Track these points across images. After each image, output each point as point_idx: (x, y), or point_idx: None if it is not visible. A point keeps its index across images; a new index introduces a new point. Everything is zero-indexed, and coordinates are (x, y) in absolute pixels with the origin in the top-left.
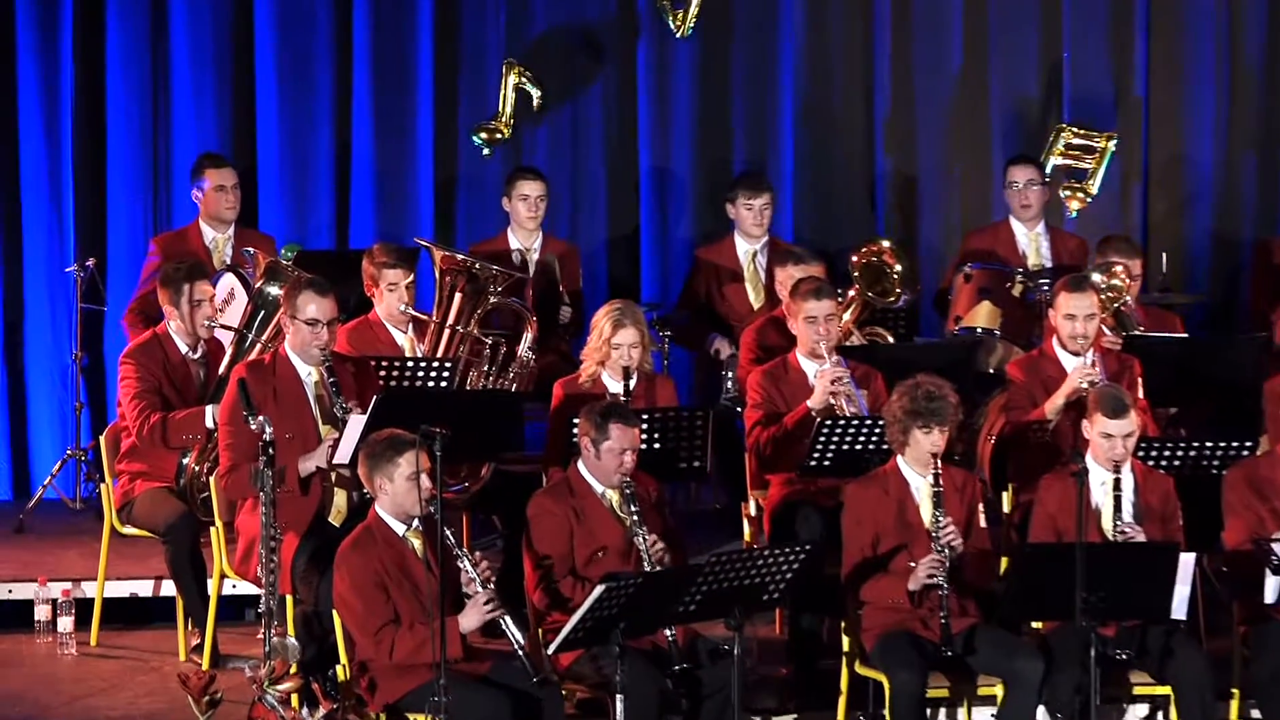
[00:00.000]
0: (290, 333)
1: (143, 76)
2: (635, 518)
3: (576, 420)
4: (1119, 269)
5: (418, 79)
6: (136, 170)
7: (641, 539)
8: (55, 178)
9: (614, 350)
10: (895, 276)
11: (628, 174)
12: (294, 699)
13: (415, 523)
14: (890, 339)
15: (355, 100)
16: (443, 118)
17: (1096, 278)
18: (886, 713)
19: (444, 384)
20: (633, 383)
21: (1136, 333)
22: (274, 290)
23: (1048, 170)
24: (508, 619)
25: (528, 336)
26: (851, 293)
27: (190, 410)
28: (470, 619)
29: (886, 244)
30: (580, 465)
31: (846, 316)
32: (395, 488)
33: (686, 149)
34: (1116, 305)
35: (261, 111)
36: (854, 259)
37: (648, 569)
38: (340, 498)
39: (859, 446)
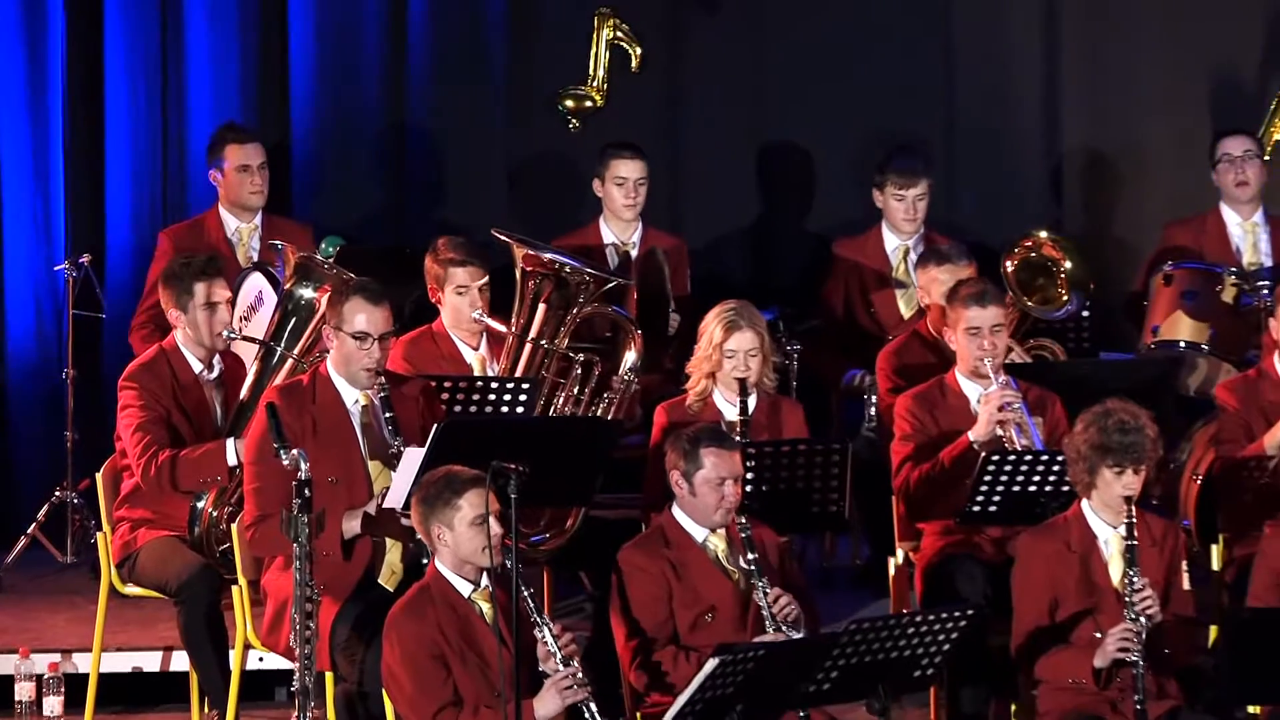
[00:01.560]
0: (334, 349)
1: (149, 34)
2: (751, 568)
3: None
4: None
5: (486, 36)
6: (141, 147)
7: (762, 595)
8: (40, 156)
9: (727, 359)
10: (1061, 276)
11: (746, 153)
12: None
13: (484, 581)
14: (1061, 354)
15: (410, 62)
16: (519, 83)
17: None
18: None
19: (522, 410)
20: (752, 401)
21: None
22: (307, 293)
23: (1268, 147)
24: (593, 705)
25: (630, 354)
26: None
27: (207, 445)
28: (548, 703)
29: (1045, 235)
30: (674, 508)
31: None
32: (457, 536)
33: (821, 121)
34: None
35: (296, 77)
36: (1006, 261)
37: (770, 636)
38: (394, 553)
39: (1033, 488)
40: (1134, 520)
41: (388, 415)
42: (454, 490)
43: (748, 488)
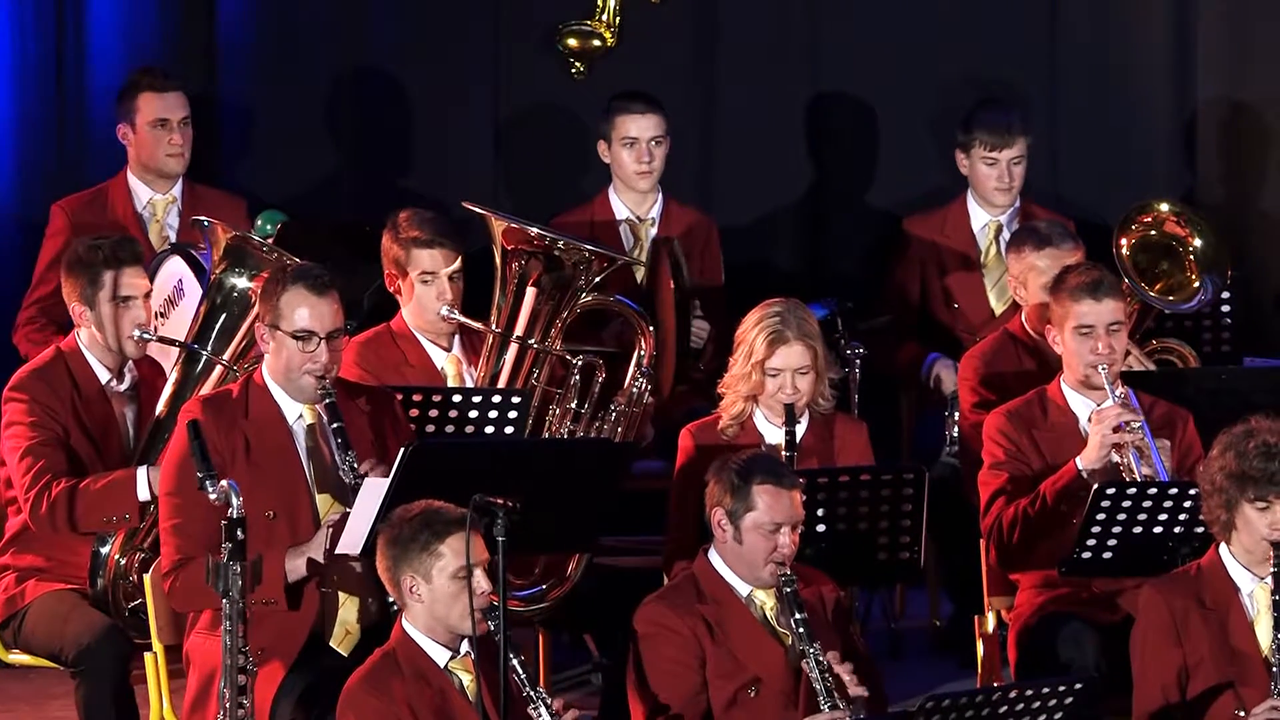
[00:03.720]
0: (270, 352)
1: None
2: (802, 632)
3: None
4: None
5: None
6: (28, 98)
7: (814, 664)
8: None
9: (770, 378)
10: (1191, 259)
11: (794, 107)
12: None
13: (464, 647)
14: (1193, 359)
15: None
16: (508, 17)
17: None
18: None
19: (510, 429)
20: (801, 428)
21: None
22: (240, 282)
23: None
24: None
25: (640, 356)
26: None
27: (114, 474)
28: None
29: (1166, 208)
30: (712, 555)
31: None
32: (435, 591)
33: (889, 67)
34: None
35: (225, 11)
36: (1118, 239)
37: (826, 717)
38: (349, 609)
39: (1158, 529)
40: None
41: (335, 426)
42: (435, 533)
43: None
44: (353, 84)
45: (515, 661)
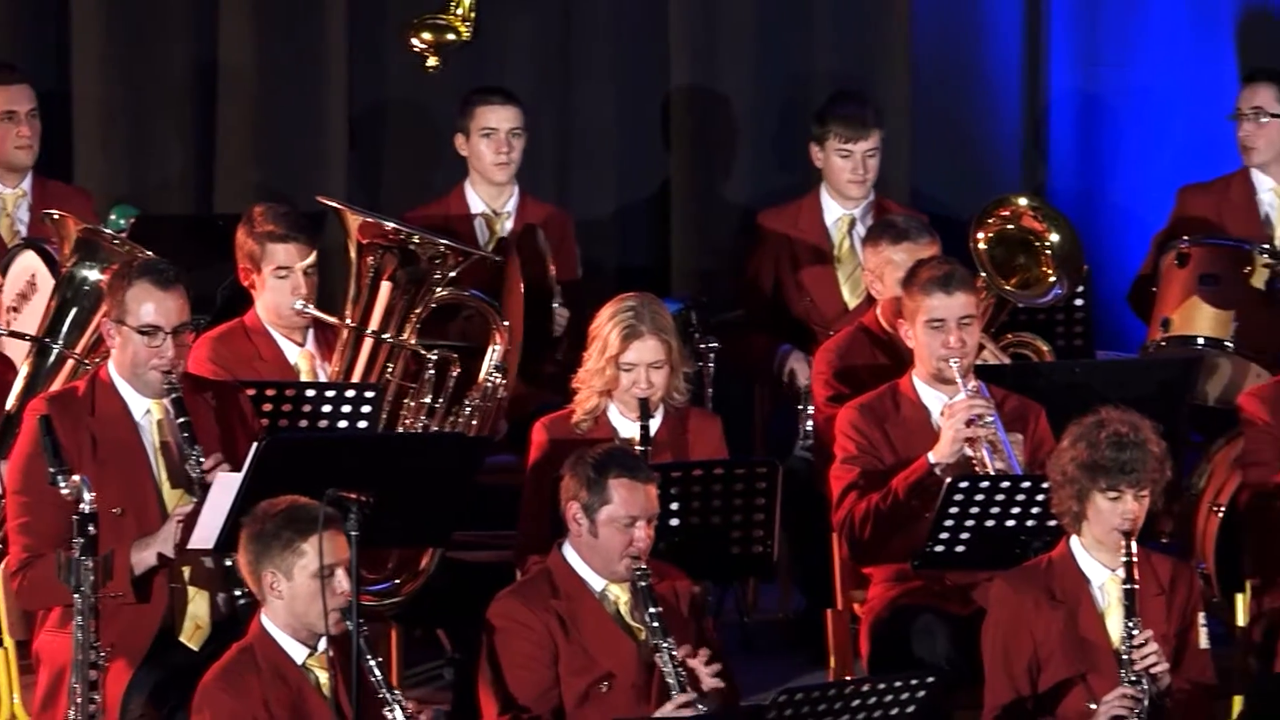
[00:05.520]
0: (116, 346)
1: None
2: (656, 626)
3: None
4: None
5: None
6: None
7: (666, 660)
8: None
9: (624, 373)
10: (1046, 254)
11: (649, 99)
12: None
13: (322, 645)
14: (1047, 353)
15: None
16: (362, 10)
17: None
18: None
19: (363, 423)
20: (655, 422)
21: None
22: (92, 275)
23: None
24: None
25: (495, 350)
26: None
27: None
28: None
29: (1024, 203)
30: (566, 549)
31: None
32: (295, 589)
33: (742, 61)
34: None
35: (77, 7)
36: (975, 232)
37: (678, 709)
38: (198, 604)
39: (1010, 522)
40: (1134, 559)
41: (181, 421)
42: (298, 530)
43: None
44: (206, 78)
45: (372, 662)
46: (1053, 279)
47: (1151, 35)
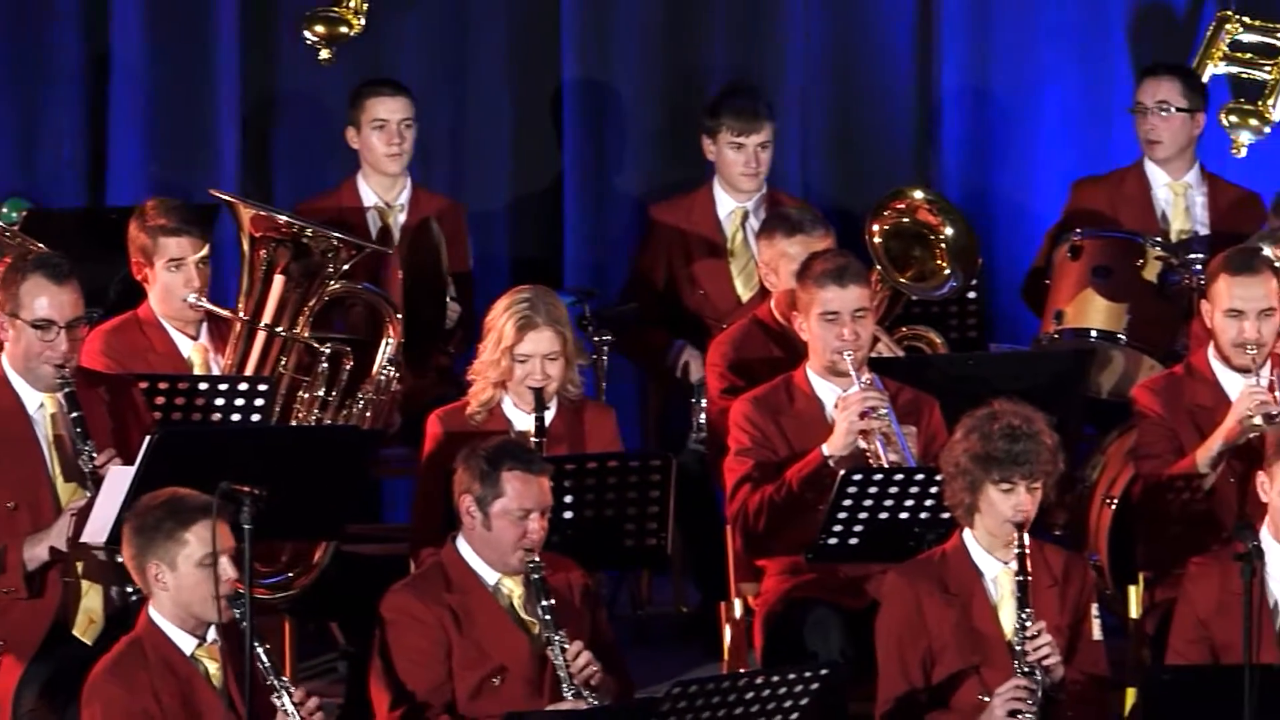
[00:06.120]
0: (9, 340)
1: None
2: (549, 620)
3: None
4: None
5: None
6: None
7: (558, 654)
8: None
9: (519, 364)
10: (940, 248)
11: (541, 91)
12: None
13: (211, 634)
14: (940, 345)
15: None
16: (254, 3)
17: (1272, 251)
18: None
19: (256, 416)
20: (549, 415)
21: None
22: None
23: (1203, 82)
24: None
25: (388, 343)
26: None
27: None
28: None
29: (920, 196)
30: (460, 542)
31: None
32: (180, 579)
33: (634, 54)
34: None
35: None
36: (870, 225)
37: (570, 703)
38: (92, 597)
39: (904, 515)
40: (1027, 551)
41: (74, 416)
42: (179, 520)
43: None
44: (98, 71)
45: (260, 650)
46: (947, 272)
47: (1043, 28)
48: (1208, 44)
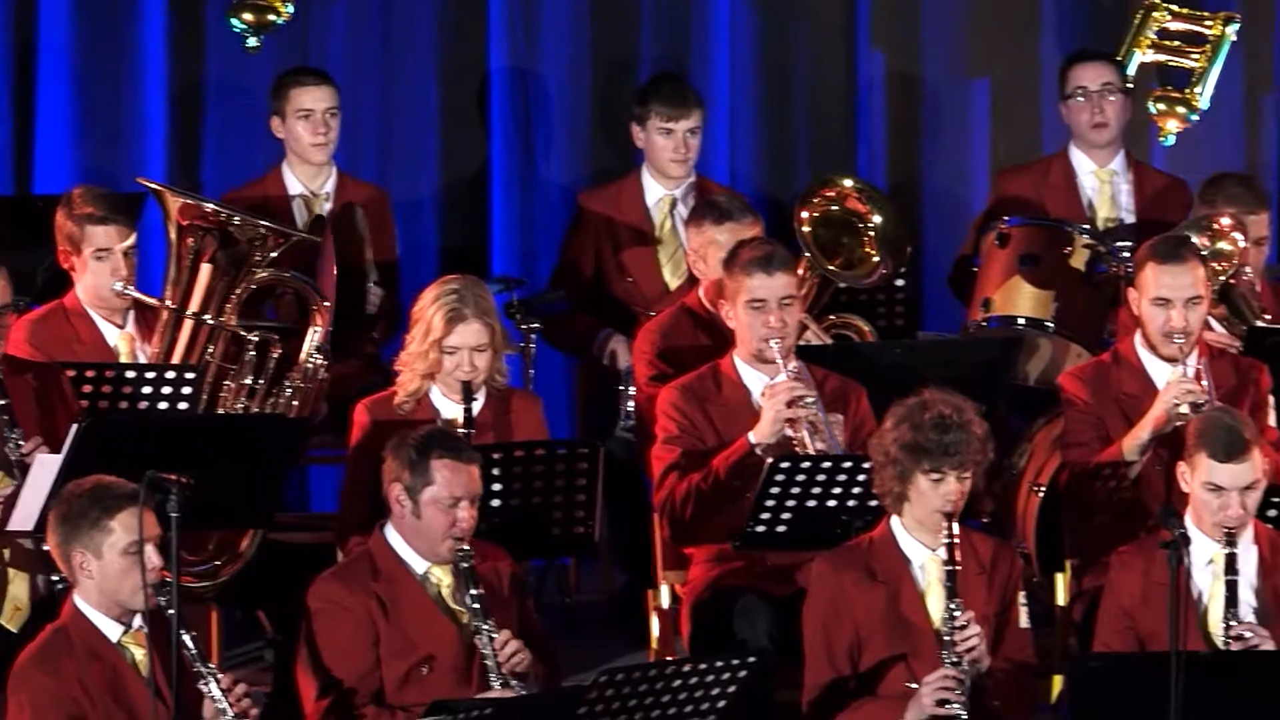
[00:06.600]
0: None
1: None
2: (477, 609)
3: None
4: (1230, 225)
5: None
6: None
7: (486, 641)
8: None
9: (447, 356)
10: (869, 236)
11: (469, 79)
12: None
13: (137, 622)
14: (869, 334)
15: None
16: None
17: (1199, 240)
18: None
19: (184, 405)
20: (477, 405)
21: (1262, 324)
22: None
23: (1129, 72)
24: None
25: (315, 332)
26: (799, 269)
27: None
28: None
29: (850, 184)
30: (389, 531)
31: None
32: (105, 566)
33: (562, 42)
34: (1223, 279)
35: None
36: (800, 212)
37: (497, 691)
38: (18, 585)
39: (831, 503)
40: (956, 540)
41: (1, 404)
42: (104, 508)
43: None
44: (25, 59)
45: (187, 637)
46: (876, 260)
47: (971, 16)
48: (1135, 32)
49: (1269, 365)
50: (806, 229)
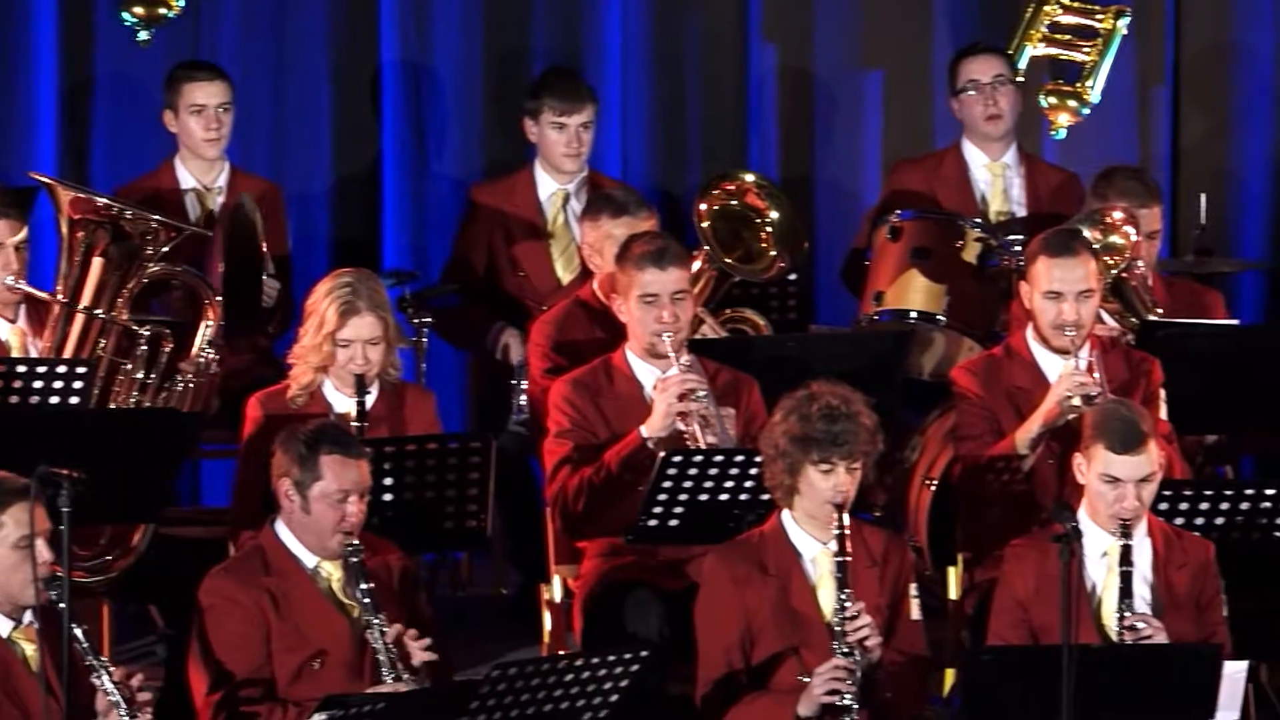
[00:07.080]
0: None
1: None
2: (368, 603)
3: None
4: (1122, 219)
5: None
6: None
7: (377, 635)
8: None
9: (341, 349)
10: (766, 231)
11: (361, 73)
12: None
13: (27, 617)
14: (766, 329)
15: None
16: None
17: (1091, 233)
18: None
19: (75, 399)
20: (370, 398)
21: (1154, 318)
22: None
23: (1021, 65)
24: None
25: (207, 326)
26: (697, 262)
27: None
28: None
29: (751, 179)
30: (279, 525)
31: None
32: None
33: (454, 36)
34: (1115, 272)
35: None
36: (699, 205)
37: (389, 686)
38: None
39: (723, 496)
40: (847, 532)
41: None
42: None
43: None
44: None
45: (78, 631)
46: (773, 254)
47: (863, 9)
48: (1027, 25)
49: (1160, 359)
50: (705, 223)
